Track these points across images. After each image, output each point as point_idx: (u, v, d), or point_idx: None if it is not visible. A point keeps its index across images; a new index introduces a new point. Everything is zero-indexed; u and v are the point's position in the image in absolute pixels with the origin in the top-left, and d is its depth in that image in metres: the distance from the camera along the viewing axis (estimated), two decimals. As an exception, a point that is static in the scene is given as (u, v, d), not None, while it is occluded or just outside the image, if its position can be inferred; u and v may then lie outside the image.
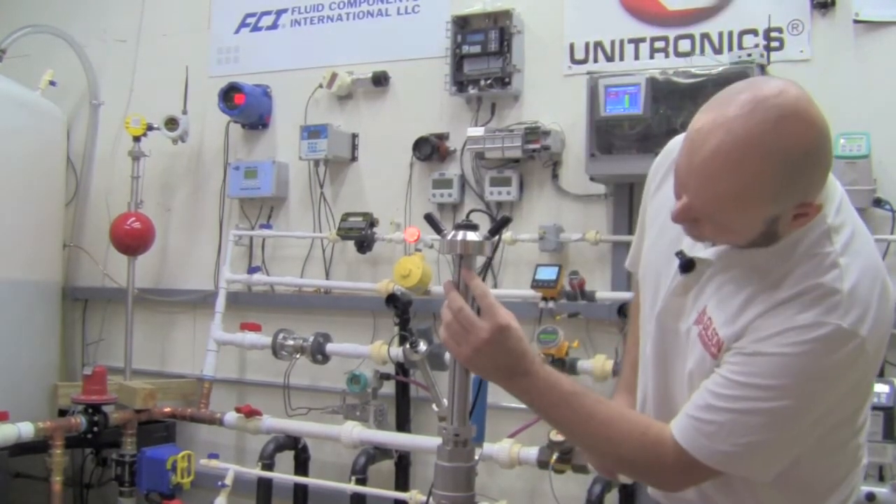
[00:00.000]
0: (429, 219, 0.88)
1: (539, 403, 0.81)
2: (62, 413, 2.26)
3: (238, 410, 2.22)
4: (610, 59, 2.20)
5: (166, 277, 2.79)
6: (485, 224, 0.88)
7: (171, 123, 2.61)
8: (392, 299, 2.32)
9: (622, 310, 2.07)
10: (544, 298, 2.17)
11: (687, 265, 0.81)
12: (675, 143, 0.90)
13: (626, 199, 2.27)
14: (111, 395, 2.22)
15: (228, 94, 2.58)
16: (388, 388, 2.36)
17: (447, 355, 0.86)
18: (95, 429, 2.14)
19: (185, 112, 2.65)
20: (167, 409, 2.34)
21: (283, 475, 2.13)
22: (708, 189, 0.71)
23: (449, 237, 0.84)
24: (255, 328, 2.48)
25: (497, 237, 0.85)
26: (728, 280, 0.79)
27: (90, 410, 2.15)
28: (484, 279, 0.88)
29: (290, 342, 2.39)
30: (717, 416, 0.75)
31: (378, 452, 2.10)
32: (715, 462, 0.76)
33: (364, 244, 2.52)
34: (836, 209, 0.76)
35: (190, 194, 2.82)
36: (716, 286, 0.79)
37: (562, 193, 2.41)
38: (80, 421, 2.13)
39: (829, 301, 0.72)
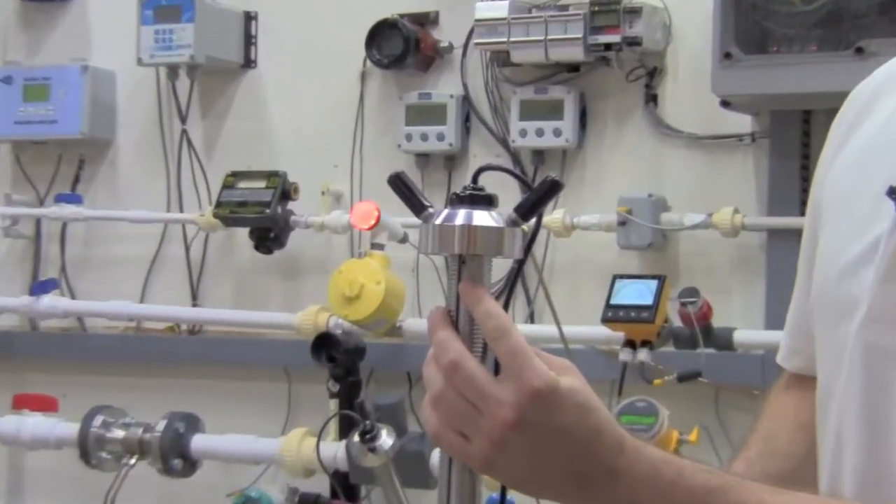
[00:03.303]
0: (397, 184, 0.84)
1: None
2: None
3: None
4: None
5: None
6: (510, 194, 0.86)
7: None
8: (326, 345, 2.34)
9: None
10: (630, 343, 2.20)
11: None
12: (889, 71, 0.94)
13: (794, 143, 2.32)
14: None
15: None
16: (317, 523, 2.44)
17: (435, 457, 0.84)
18: None
19: None
20: None
21: None
22: None
23: (438, 220, 0.83)
24: (46, 405, 2.49)
25: (535, 220, 0.83)
26: None
27: None
28: (507, 304, 0.83)
29: (119, 433, 2.41)
30: None
31: None
32: None
33: (270, 235, 2.55)
34: None
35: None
36: None
37: (664, 135, 2.47)
38: None
39: None
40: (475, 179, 0.82)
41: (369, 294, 2.31)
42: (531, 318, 2.53)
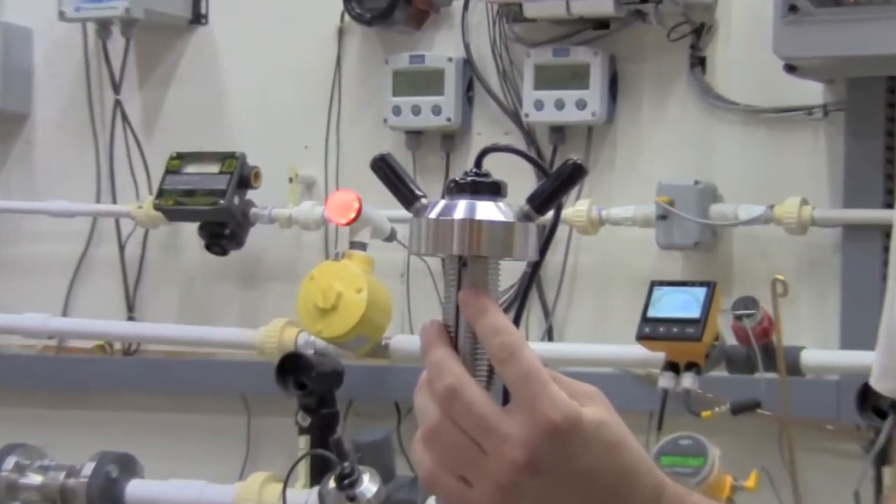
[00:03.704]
0: (382, 168, 0.86)
1: None
2: None
3: None
4: None
5: None
6: (522, 182, 0.87)
7: None
8: (294, 368, 2.34)
9: (868, 398, 2.06)
10: (672, 366, 2.21)
11: None
12: None
13: (877, 117, 2.33)
14: None
15: None
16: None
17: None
18: None
19: None
20: None
21: None
22: None
23: (432, 214, 0.83)
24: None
25: (553, 213, 0.84)
26: None
27: None
28: (519, 317, 0.85)
29: (36, 478, 2.43)
30: None
31: None
32: None
33: (225, 231, 2.56)
34: None
35: None
36: None
37: (714, 107, 2.48)
38: None
39: None
40: (479, 163, 0.83)
41: (348, 305, 2.31)
42: (549, 335, 2.53)
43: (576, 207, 2.40)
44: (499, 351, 0.80)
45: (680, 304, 2.23)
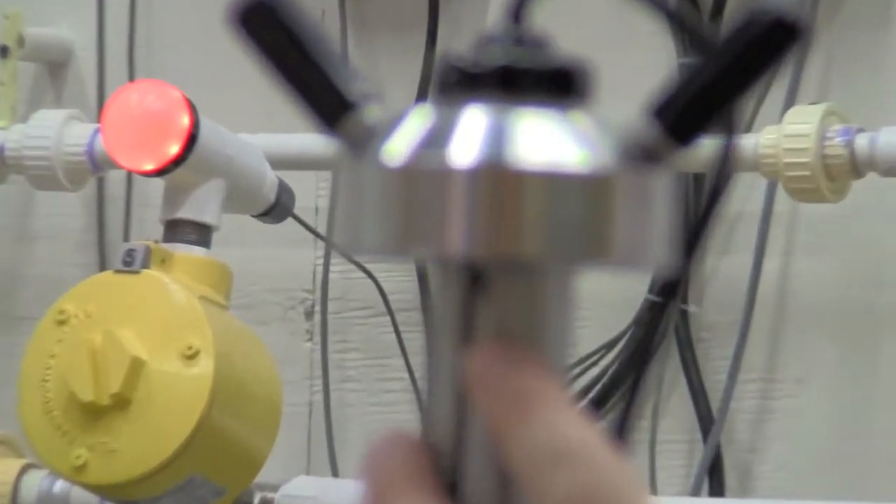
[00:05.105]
0: (267, 29, 0.95)
1: None
2: None
3: None
4: None
5: None
6: (635, 63, 0.87)
7: None
8: None
9: None
10: None
11: None
12: None
13: None
14: None
15: None
16: None
17: None
18: None
19: None
20: None
21: None
22: None
23: (399, 152, 0.92)
24: None
25: (721, 147, 0.94)
26: None
27: None
28: (626, 422, 0.94)
29: None
30: None
31: None
32: None
33: None
34: None
35: None
36: None
37: None
38: None
39: None
40: (518, 13, 0.94)
41: (161, 395, 2.40)
42: (713, 472, 2.53)
43: (784, 131, 2.42)
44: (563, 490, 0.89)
45: None
